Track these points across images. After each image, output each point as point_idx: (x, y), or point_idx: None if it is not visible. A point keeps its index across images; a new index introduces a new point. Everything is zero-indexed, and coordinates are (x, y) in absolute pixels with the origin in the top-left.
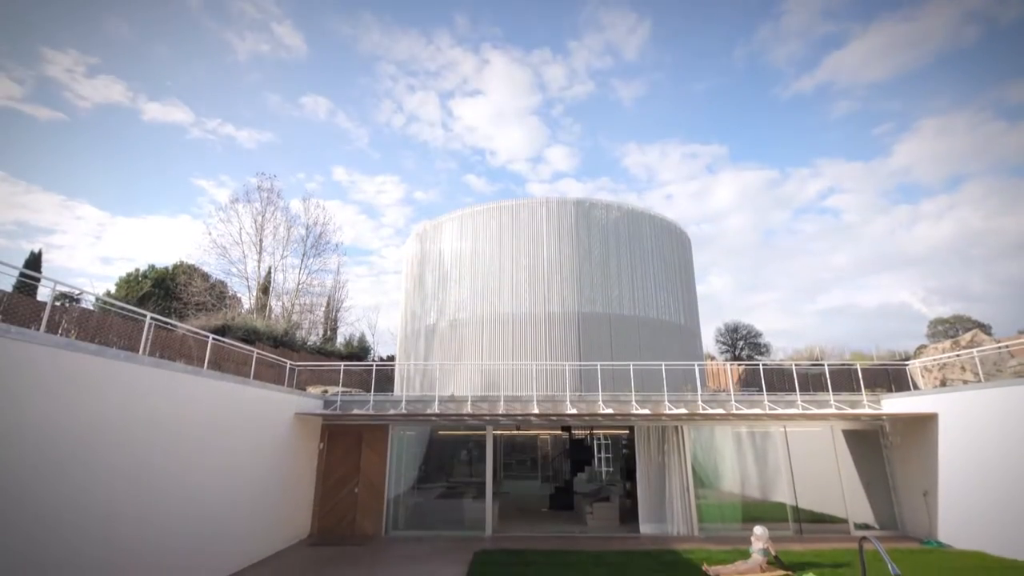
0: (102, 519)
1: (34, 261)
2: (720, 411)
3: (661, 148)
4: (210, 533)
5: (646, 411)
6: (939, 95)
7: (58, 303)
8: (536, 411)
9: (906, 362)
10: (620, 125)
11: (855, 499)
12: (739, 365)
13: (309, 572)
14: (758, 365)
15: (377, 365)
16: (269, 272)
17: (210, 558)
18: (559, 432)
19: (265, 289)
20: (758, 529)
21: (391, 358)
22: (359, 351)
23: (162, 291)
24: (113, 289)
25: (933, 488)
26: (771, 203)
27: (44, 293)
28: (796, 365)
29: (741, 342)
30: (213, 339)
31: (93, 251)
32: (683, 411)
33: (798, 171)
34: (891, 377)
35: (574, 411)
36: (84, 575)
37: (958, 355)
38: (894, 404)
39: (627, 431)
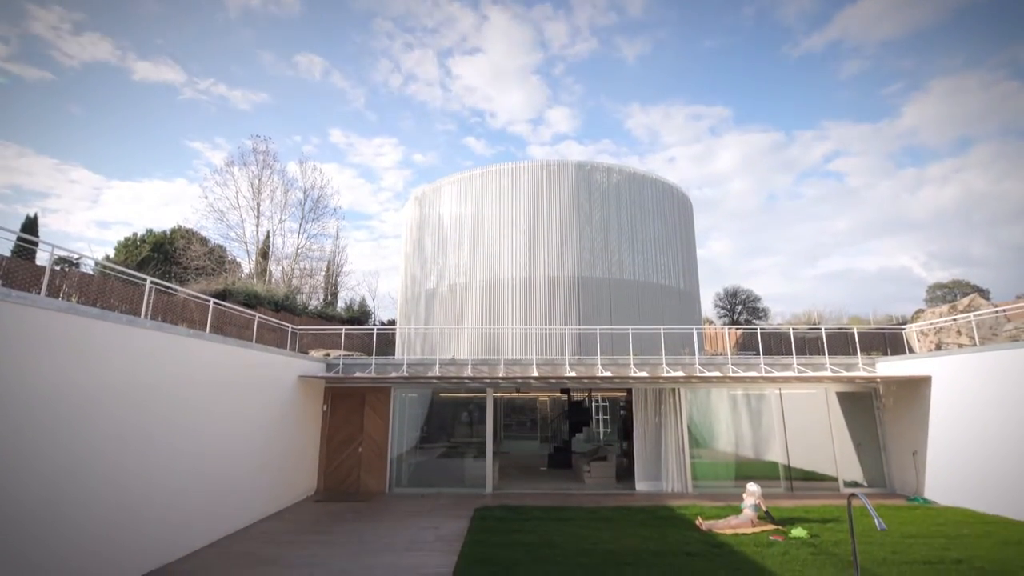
0: (111, 481)
1: (30, 225)
2: (717, 374)
3: (665, 109)
4: (219, 491)
5: (644, 374)
6: (953, 53)
7: (57, 267)
8: (536, 374)
9: (903, 326)
10: (623, 85)
11: (845, 458)
12: (737, 329)
13: (316, 525)
14: (756, 329)
15: (378, 329)
16: (268, 236)
17: (220, 514)
18: (558, 394)
19: (264, 253)
20: (751, 486)
21: (392, 322)
22: (360, 315)
23: (161, 256)
24: (112, 254)
25: (922, 448)
26: (775, 167)
27: (42, 258)
28: (794, 329)
29: (740, 307)
30: (214, 303)
31: (89, 215)
32: (680, 374)
33: (803, 134)
34: (887, 341)
35: (573, 374)
36: (94, 536)
37: (955, 319)
38: (888, 367)
39: (625, 393)
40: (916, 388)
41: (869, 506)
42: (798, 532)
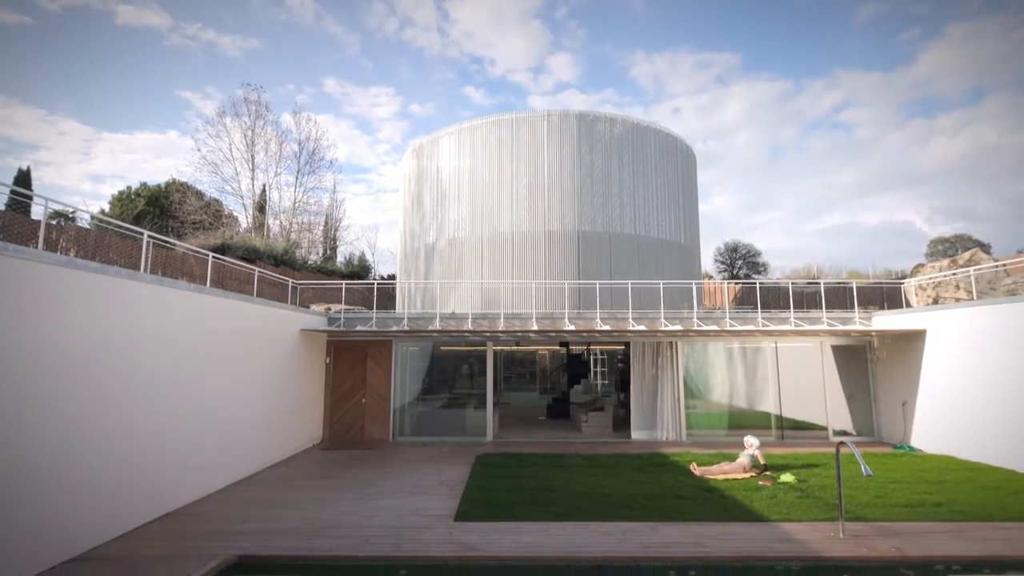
0: (120, 431)
1: (23, 178)
2: (714, 328)
3: (671, 57)
4: (228, 440)
5: (642, 328)
6: None
7: (53, 221)
8: (535, 328)
9: (901, 280)
10: (628, 30)
11: (837, 409)
12: (736, 284)
13: (323, 471)
14: (755, 283)
15: (378, 283)
16: (264, 190)
17: (230, 461)
18: (557, 347)
19: (261, 208)
20: (751, 438)
21: (392, 277)
22: (359, 270)
23: (157, 210)
24: (107, 208)
25: (912, 399)
26: (782, 118)
27: (37, 212)
28: (792, 283)
29: (740, 261)
30: (213, 258)
31: (82, 168)
32: (678, 328)
33: (813, 83)
34: (885, 295)
35: (572, 328)
36: (108, 483)
37: (954, 274)
38: (884, 321)
39: (623, 346)
40: (910, 341)
41: (857, 453)
42: (786, 477)
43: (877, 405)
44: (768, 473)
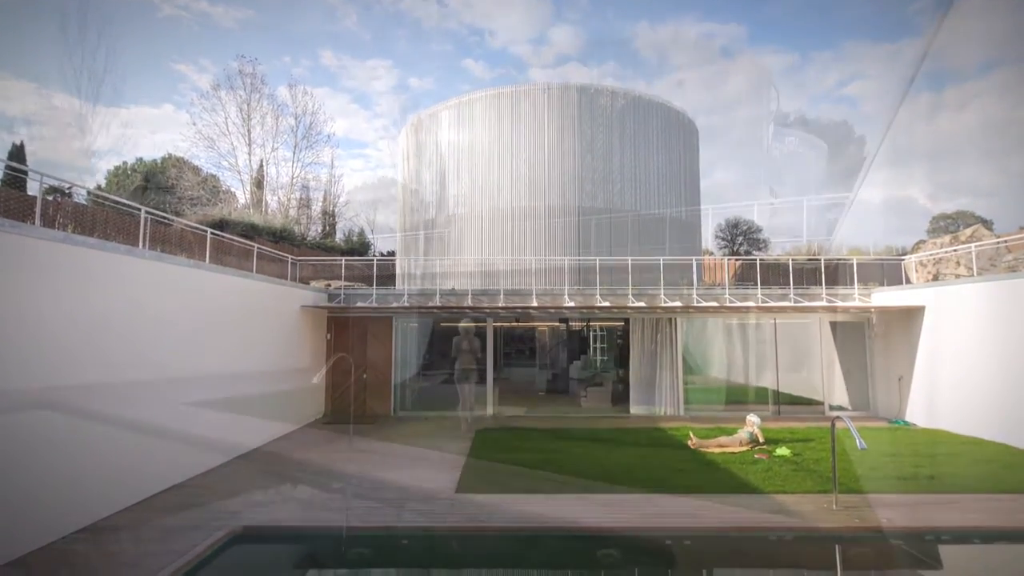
0: (124, 407)
1: (17, 153)
2: (714, 304)
3: (675, 27)
4: (229, 416)
5: (642, 304)
6: None
7: (49, 197)
8: (535, 304)
9: (902, 257)
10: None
11: (833, 384)
12: (735, 260)
13: (326, 444)
14: (755, 260)
15: (378, 259)
16: (261, 165)
17: (234, 435)
18: (557, 324)
19: (259, 183)
20: (753, 416)
21: (391, 253)
22: (359, 246)
23: (153, 185)
24: (103, 183)
25: (908, 374)
26: (787, 92)
27: (33, 188)
28: (792, 260)
29: (740, 238)
30: (212, 234)
31: (77, 143)
32: (678, 304)
33: (820, 55)
34: (884, 271)
35: (572, 304)
36: (112, 459)
37: (955, 250)
38: (883, 297)
39: (622, 323)
40: (909, 317)
41: (852, 427)
42: (782, 451)
43: (874, 380)
44: (764, 446)
